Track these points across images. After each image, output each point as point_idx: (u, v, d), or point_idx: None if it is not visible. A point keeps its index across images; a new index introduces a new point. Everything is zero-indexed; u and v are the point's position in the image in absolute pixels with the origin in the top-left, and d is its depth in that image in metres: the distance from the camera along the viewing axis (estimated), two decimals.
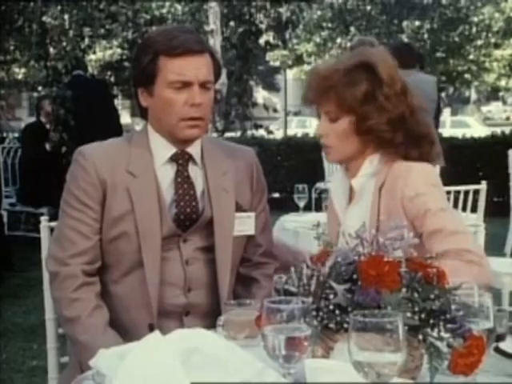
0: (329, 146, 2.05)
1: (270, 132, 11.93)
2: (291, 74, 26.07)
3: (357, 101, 1.96)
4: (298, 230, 4.14)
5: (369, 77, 1.97)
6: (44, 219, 2.44)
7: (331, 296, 1.36)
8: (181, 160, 2.08)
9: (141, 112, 2.11)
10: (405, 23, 20.84)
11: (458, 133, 11.27)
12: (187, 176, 2.08)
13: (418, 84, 6.54)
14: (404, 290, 1.34)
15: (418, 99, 2.05)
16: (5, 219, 6.94)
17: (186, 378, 1.27)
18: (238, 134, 11.96)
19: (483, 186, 4.50)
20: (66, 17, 7.36)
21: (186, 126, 2.01)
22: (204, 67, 2.01)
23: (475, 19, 21.60)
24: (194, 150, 2.10)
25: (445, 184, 2.20)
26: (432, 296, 1.34)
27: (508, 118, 36.40)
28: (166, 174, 2.07)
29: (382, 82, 1.97)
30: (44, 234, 2.42)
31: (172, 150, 2.07)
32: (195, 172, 2.10)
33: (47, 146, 7.57)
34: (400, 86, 2.00)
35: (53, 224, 2.44)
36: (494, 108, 40.40)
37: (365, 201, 2.02)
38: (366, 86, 1.97)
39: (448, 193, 4.70)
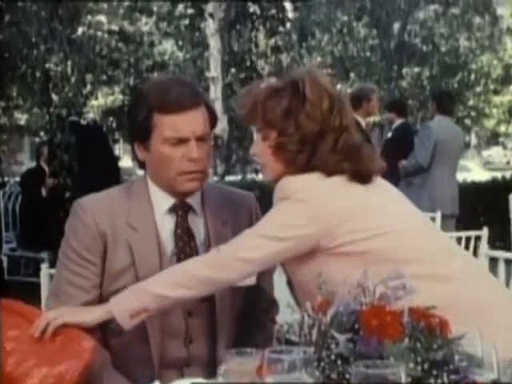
0: (262, 165, 2.02)
1: None
2: None
3: (277, 116, 1.94)
4: None
5: (294, 94, 1.95)
6: (44, 266, 2.44)
7: (333, 346, 1.35)
8: (180, 211, 2.06)
9: (139, 163, 2.10)
10: (404, 70, 21.05)
11: (459, 177, 11.28)
12: (187, 227, 2.05)
13: (454, 134, 6.82)
14: (406, 340, 1.33)
15: (347, 120, 1.99)
16: (5, 264, 6.91)
17: None
18: (239, 177, 12.02)
19: (484, 232, 4.48)
20: (69, 63, 7.44)
21: (185, 179, 1.99)
22: (200, 121, 1.99)
23: (474, 66, 21.82)
24: (193, 200, 2.08)
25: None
26: (435, 346, 1.33)
27: (508, 163, 36.50)
28: (166, 225, 2.04)
29: (306, 99, 1.93)
30: (44, 280, 2.42)
31: (171, 200, 2.05)
32: (195, 222, 2.08)
33: (43, 192, 7.57)
34: (327, 105, 1.95)
35: (53, 271, 2.43)
36: (495, 152, 40.54)
37: None
38: (289, 101, 1.94)
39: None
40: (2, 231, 7.14)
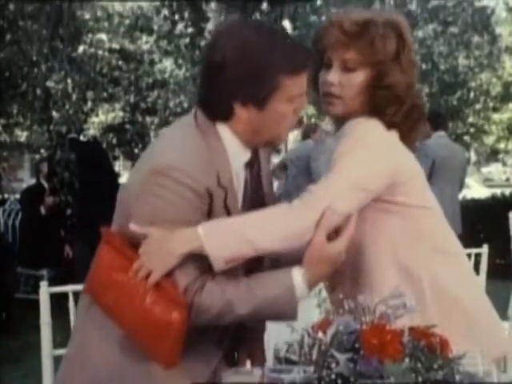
0: (338, 97, 1.98)
1: None
2: (292, 136, 26.28)
3: (386, 56, 1.94)
4: None
5: (398, 37, 1.98)
6: (43, 284, 2.43)
7: (333, 365, 1.34)
8: (256, 164, 2.00)
9: (218, 116, 1.89)
10: None
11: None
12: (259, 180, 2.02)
13: (453, 151, 6.86)
14: (407, 359, 1.32)
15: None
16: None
17: None
18: None
19: (485, 249, 4.48)
20: (69, 81, 7.46)
21: (289, 133, 1.95)
22: None
23: (473, 84, 21.88)
24: None
25: None
26: (436, 366, 1.32)
27: (508, 180, 36.55)
28: (241, 180, 1.95)
29: (406, 44, 1.98)
30: (43, 297, 2.41)
31: (247, 153, 1.93)
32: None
33: (42, 210, 7.55)
34: (411, 56, 2.02)
35: (52, 289, 2.44)
36: (494, 169, 40.57)
37: None
38: (396, 44, 1.96)
39: None
40: (4, 249, 7.12)
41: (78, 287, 2.57)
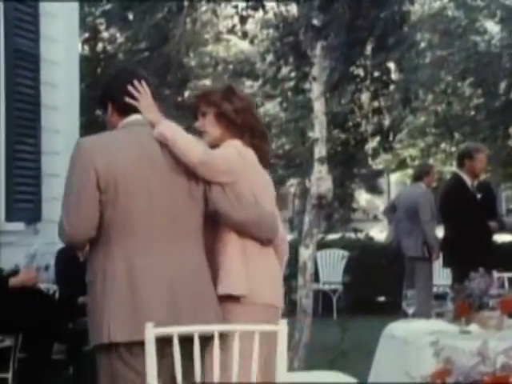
0: (203, 132, 3.26)
1: (370, 238, 12.00)
2: (394, 177, 25.91)
3: (216, 97, 3.27)
4: (407, 338, 3.96)
5: (225, 88, 3.36)
6: (149, 325, 2.39)
7: None
8: None
9: None
10: (511, 128, 20.49)
11: None
12: None
13: None
14: None
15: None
16: None
17: None
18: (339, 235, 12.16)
19: None
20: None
21: None
22: None
23: None
24: None
25: None
26: None
27: None
28: None
29: (233, 91, 3.32)
30: (149, 337, 2.39)
31: None
32: None
33: None
34: (241, 97, 3.34)
35: (158, 330, 2.40)
36: None
37: None
38: (224, 91, 3.31)
39: None
40: None
41: (183, 329, 2.54)
